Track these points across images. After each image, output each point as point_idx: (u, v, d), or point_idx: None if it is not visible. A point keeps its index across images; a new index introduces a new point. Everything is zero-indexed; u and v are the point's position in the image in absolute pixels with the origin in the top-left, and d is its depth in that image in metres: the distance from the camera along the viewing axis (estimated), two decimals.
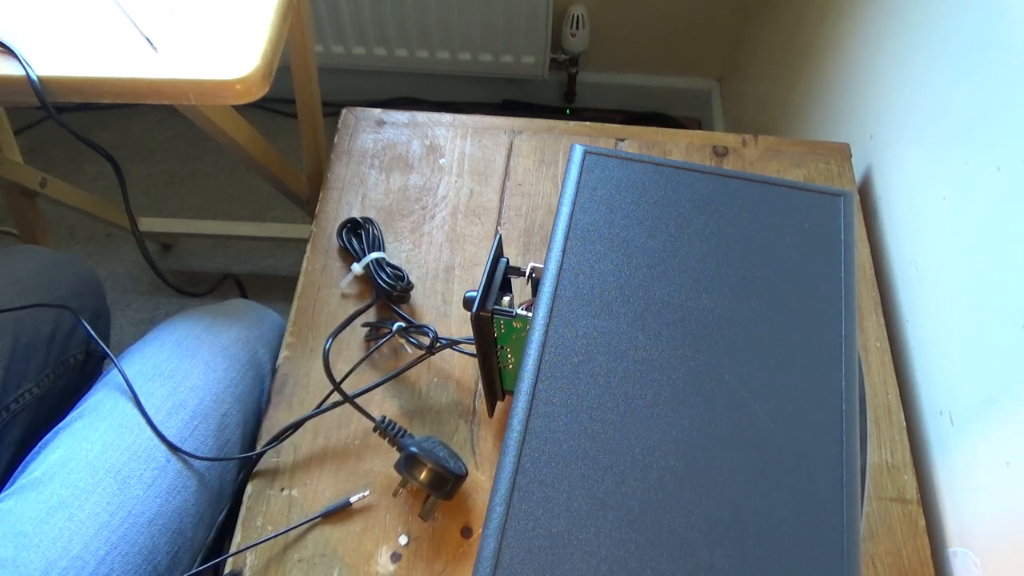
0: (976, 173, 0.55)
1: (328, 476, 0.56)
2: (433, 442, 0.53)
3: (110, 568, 0.48)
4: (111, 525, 0.49)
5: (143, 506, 0.51)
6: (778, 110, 1.10)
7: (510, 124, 0.75)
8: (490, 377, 0.52)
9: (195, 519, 0.53)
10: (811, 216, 0.43)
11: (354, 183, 0.71)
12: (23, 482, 0.52)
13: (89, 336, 0.66)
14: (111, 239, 1.42)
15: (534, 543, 0.33)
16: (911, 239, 0.65)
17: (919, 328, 0.62)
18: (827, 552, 0.33)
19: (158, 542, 0.50)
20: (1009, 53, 0.52)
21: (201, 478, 0.54)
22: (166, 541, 0.51)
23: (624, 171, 0.45)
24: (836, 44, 0.87)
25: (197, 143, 1.53)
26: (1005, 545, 0.48)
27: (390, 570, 0.52)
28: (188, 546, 0.52)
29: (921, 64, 0.66)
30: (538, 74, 1.39)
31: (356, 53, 1.36)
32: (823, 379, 0.38)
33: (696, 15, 1.32)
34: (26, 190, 1.02)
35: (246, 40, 0.57)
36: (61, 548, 0.47)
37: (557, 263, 0.41)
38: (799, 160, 0.73)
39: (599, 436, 0.36)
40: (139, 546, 0.49)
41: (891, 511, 0.55)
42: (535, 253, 0.67)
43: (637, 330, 0.39)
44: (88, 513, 0.49)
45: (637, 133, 0.75)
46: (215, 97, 0.56)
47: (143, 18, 0.58)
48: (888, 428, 0.59)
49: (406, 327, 0.59)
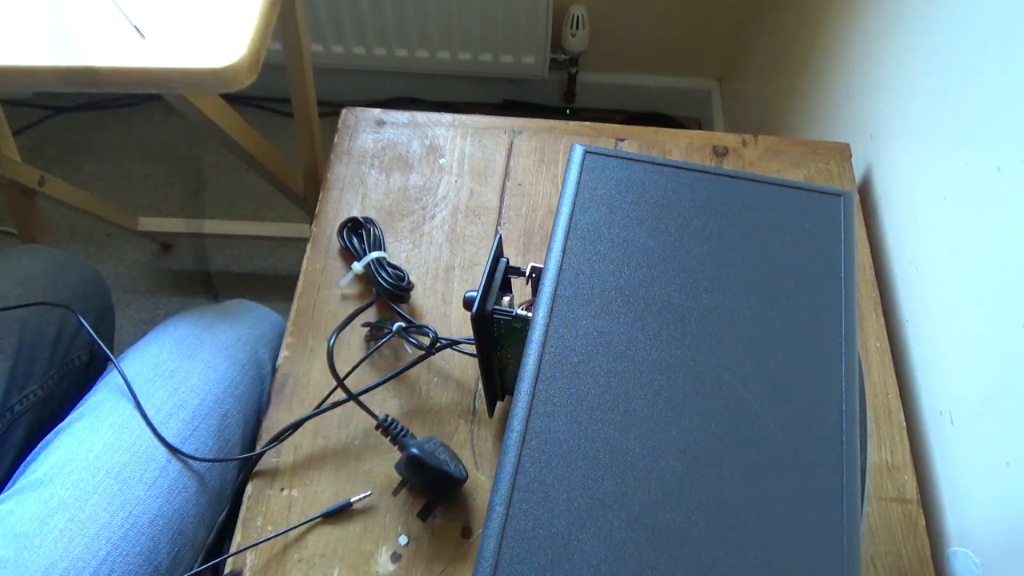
0: (976, 173, 0.55)
1: (328, 476, 0.56)
2: (435, 443, 0.53)
3: (111, 569, 0.48)
4: (112, 526, 0.49)
5: (144, 507, 0.50)
6: (778, 110, 1.10)
7: (510, 124, 0.75)
8: (490, 377, 0.52)
9: (196, 519, 0.53)
10: (811, 216, 0.43)
11: (354, 183, 0.71)
12: (23, 483, 0.52)
13: (89, 337, 0.66)
14: (111, 239, 1.42)
15: (534, 543, 0.33)
16: (911, 239, 0.65)
17: (919, 328, 0.62)
18: (827, 552, 0.33)
19: (159, 542, 0.50)
20: (1009, 53, 0.52)
21: (202, 478, 0.54)
22: (167, 541, 0.51)
23: (624, 171, 0.45)
24: (836, 44, 0.87)
25: (197, 143, 1.53)
26: (1005, 545, 0.48)
27: (390, 570, 0.52)
28: (189, 546, 0.52)
29: (921, 64, 0.66)
30: (538, 74, 1.39)
31: (356, 53, 1.36)
32: (823, 379, 0.38)
33: (696, 15, 1.32)
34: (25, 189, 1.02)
35: (234, 29, 0.57)
36: (62, 549, 0.47)
37: (557, 263, 0.41)
38: (799, 160, 0.73)
39: (599, 436, 0.36)
40: (140, 547, 0.49)
41: (891, 511, 0.55)
42: (535, 253, 0.67)
43: (637, 330, 0.39)
44: (89, 514, 0.49)
45: (637, 133, 0.75)
46: (202, 86, 0.56)
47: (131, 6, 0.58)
48: (888, 428, 0.59)
49: (406, 327, 0.59)
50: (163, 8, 0.58)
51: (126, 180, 1.49)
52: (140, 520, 0.50)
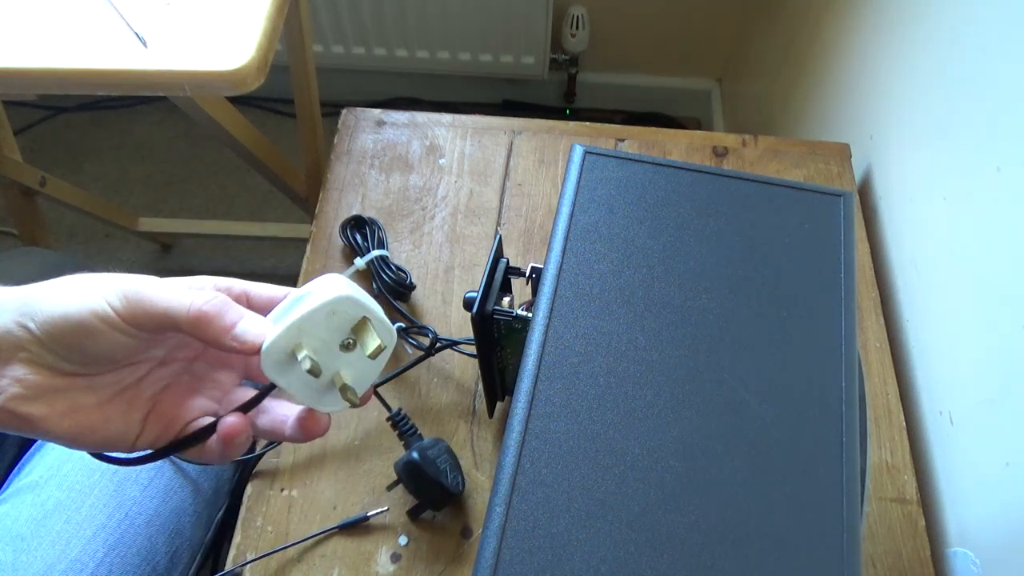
0: (976, 173, 0.55)
1: (328, 477, 0.56)
2: (439, 449, 0.53)
3: (109, 570, 0.48)
4: (108, 527, 0.49)
5: (140, 507, 0.50)
6: (778, 110, 1.09)
7: (510, 124, 0.75)
8: (490, 377, 0.52)
9: (193, 518, 0.53)
10: (811, 216, 0.43)
11: (354, 183, 0.71)
12: (19, 484, 0.51)
13: None
14: (111, 239, 1.42)
15: (534, 543, 0.33)
16: (911, 239, 0.64)
17: (919, 328, 0.62)
18: (827, 552, 0.33)
19: (156, 542, 0.50)
20: (1009, 53, 0.52)
21: (197, 478, 0.54)
22: (164, 541, 0.51)
23: (624, 171, 0.45)
24: (836, 44, 0.87)
25: (197, 143, 1.52)
26: (1005, 545, 0.48)
27: (390, 570, 0.52)
28: (187, 545, 0.52)
29: (921, 64, 0.65)
30: (538, 74, 1.39)
31: (356, 53, 1.36)
32: (823, 379, 0.38)
33: (696, 15, 1.32)
34: (26, 189, 1.02)
35: (242, 31, 0.57)
36: (59, 551, 0.47)
37: (557, 263, 0.41)
38: (799, 160, 0.73)
39: (599, 436, 0.36)
40: (137, 547, 0.49)
41: (891, 511, 0.55)
42: (535, 253, 0.67)
43: (637, 330, 0.39)
44: (85, 515, 0.49)
45: (637, 133, 0.75)
46: (211, 88, 0.56)
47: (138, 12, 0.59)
48: (888, 428, 0.59)
49: (406, 327, 0.59)
50: (173, 11, 0.59)
51: (126, 180, 1.48)
52: (137, 520, 0.50)
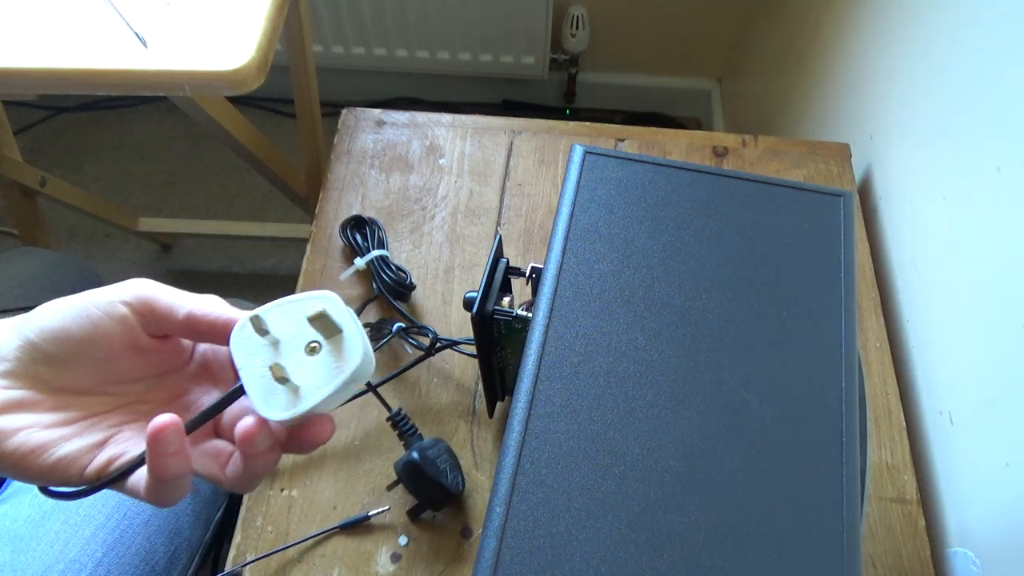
0: (976, 173, 0.55)
1: (328, 476, 0.56)
2: (439, 449, 0.53)
3: (107, 570, 0.48)
4: (107, 527, 0.49)
5: (138, 507, 0.50)
6: (778, 110, 1.09)
7: (510, 124, 0.75)
8: (490, 377, 0.52)
9: (191, 518, 0.53)
10: (811, 216, 0.43)
11: (354, 183, 0.71)
12: (17, 485, 0.51)
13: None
14: (111, 239, 1.42)
15: (534, 543, 0.33)
16: (911, 239, 0.64)
17: (919, 328, 0.62)
18: (827, 552, 0.33)
19: (155, 542, 0.50)
20: (1009, 53, 0.52)
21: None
22: (163, 541, 0.51)
23: (624, 171, 0.45)
24: (836, 44, 0.87)
25: (197, 143, 1.52)
26: (1005, 545, 0.48)
27: (390, 570, 0.52)
28: (185, 545, 0.52)
29: (921, 64, 0.65)
30: (538, 74, 1.39)
31: (356, 53, 1.36)
32: (823, 379, 0.38)
33: (696, 16, 1.32)
34: (26, 189, 1.02)
35: (241, 31, 0.57)
36: (57, 551, 0.47)
37: (557, 263, 0.41)
38: (799, 160, 0.73)
39: (599, 436, 0.36)
40: (136, 547, 0.49)
41: (891, 511, 0.55)
42: (535, 253, 0.67)
43: (637, 330, 0.39)
44: (83, 515, 0.49)
45: (637, 133, 0.75)
46: (211, 88, 0.56)
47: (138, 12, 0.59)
48: (888, 428, 0.59)
49: (406, 328, 0.59)
50: (173, 11, 0.59)
51: (126, 180, 1.49)
52: (135, 521, 0.50)
